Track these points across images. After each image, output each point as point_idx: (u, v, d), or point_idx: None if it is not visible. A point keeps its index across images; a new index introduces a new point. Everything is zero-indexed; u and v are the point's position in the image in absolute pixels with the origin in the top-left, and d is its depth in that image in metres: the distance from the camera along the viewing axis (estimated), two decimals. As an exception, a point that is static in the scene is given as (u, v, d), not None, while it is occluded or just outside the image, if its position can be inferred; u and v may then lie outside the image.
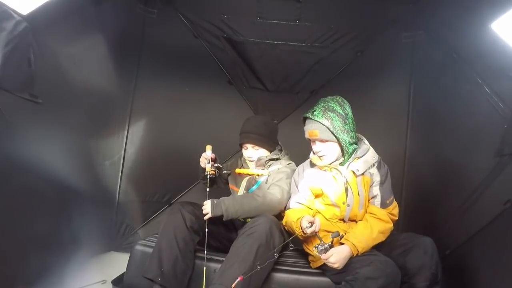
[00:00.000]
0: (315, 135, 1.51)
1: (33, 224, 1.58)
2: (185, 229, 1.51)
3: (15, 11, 1.40)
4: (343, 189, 1.53)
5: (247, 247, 1.35)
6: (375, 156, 1.57)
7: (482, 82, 1.71)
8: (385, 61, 2.45)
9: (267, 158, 1.79)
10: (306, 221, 1.38)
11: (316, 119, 1.49)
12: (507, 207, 1.41)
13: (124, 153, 2.45)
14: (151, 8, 2.44)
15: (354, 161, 1.55)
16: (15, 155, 1.46)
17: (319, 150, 1.55)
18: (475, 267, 1.54)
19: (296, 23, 2.37)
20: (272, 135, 1.85)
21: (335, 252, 1.34)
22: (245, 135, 1.79)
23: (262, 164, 1.80)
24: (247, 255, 1.32)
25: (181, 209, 1.55)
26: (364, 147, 1.57)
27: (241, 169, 1.86)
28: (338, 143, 1.52)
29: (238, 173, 1.85)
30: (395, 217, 1.55)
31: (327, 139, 1.51)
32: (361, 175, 1.53)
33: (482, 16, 1.61)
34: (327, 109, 1.51)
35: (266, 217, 1.48)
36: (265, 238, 1.38)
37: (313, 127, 1.51)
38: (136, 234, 2.50)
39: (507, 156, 1.50)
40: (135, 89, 2.46)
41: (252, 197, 1.61)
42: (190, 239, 1.52)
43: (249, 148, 1.79)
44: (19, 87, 1.47)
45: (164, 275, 1.40)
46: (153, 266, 1.43)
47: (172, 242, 1.47)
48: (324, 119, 1.48)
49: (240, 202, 1.57)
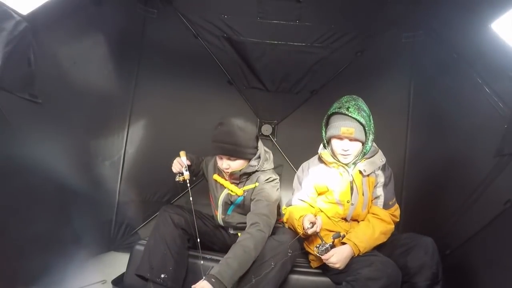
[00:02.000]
0: (350, 133, 1.47)
1: (33, 224, 1.58)
2: (173, 227, 1.53)
3: (15, 11, 1.40)
4: (348, 187, 1.53)
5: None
6: (383, 159, 1.57)
7: (482, 82, 1.71)
8: (385, 61, 2.45)
9: (241, 172, 1.60)
10: (308, 221, 1.38)
11: (353, 116, 1.46)
12: (507, 207, 1.41)
13: (124, 153, 2.44)
14: (151, 8, 2.44)
15: (361, 161, 1.55)
16: (15, 155, 1.46)
17: (348, 149, 1.51)
18: (475, 267, 1.54)
19: (296, 23, 2.37)
20: (251, 142, 1.60)
21: (336, 253, 1.34)
22: (217, 145, 1.56)
23: (236, 178, 1.63)
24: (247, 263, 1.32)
25: (167, 210, 1.60)
26: (373, 149, 1.57)
27: (218, 177, 1.71)
28: (362, 143, 1.51)
29: (215, 180, 1.73)
30: (397, 218, 1.56)
31: (358, 138, 1.49)
32: (367, 176, 1.53)
33: (482, 16, 1.60)
34: (359, 107, 1.49)
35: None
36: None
37: (350, 125, 1.47)
38: (136, 234, 2.49)
39: (507, 156, 1.50)
40: (135, 89, 2.46)
41: (243, 252, 1.34)
42: (178, 235, 1.53)
43: (224, 159, 1.58)
44: (19, 87, 1.47)
45: (154, 271, 1.42)
46: (143, 263, 1.46)
47: (160, 240, 1.50)
48: (361, 117, 1.47)
49: (236, 266, 1.31)
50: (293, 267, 1.54)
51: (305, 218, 1.41)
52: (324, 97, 2.53)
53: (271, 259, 1.37)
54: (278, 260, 1.38)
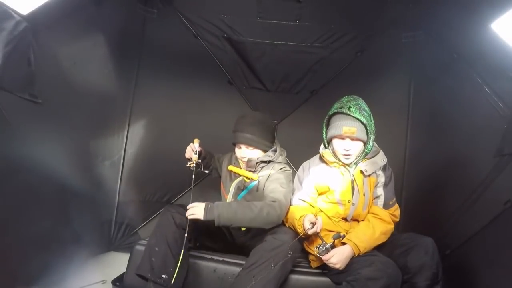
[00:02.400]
0: (352, 133, 1.47)
1: (33, 224, 1.58)
2: (174, 227, 1.51)
3: (15, 11, 1.40)
4: (349, 187, 1.53)
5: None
6: (384, 159, 1.57)
7: (482, 82, 1.71)
8: (385, 61, 2.45)
9: (258, 160, 1.70)
10: (308, 221, 1.38)
11: (355, 115, 1.46)
12: (507, 207, 1.41)
13: (124, 153, 2.44)
14: (151, 8, 2.44)
15: (363, 161, 1.55)
16: (15, 155, 1.46)
17: (350, 149, 1.51)
18: (475, 267, 1.54)
19: (296, 23, 2.37)
20: (269, 135, 1.74)
21: (337, 253, 1.34)
22: (238, 134, 1.70)
23: (253, 166, 1.71)
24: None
25: (170, 209, 1.57)
26: (374, 149, 1.57)
27: (233, 167, 1.80)
28: (364, 143, 1.51)
29: (230, 171, 1.81)
30: (397, 218, 1.56)
31: (360, 137, 1.49)
32: (368, 176, 1.53)
33: (482, 16, 1.60)
34: (360, 107, 1.49)
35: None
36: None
37: (352, 124, 1.47)
38: (136, 234, 2.50)
39: (507, 156, 1.50)
40: (135, 89, 2.46)
41: (248, 207, 1.48)
42: (179, 236, 1.51)
43: (242, 148, 1.72)
44: (19, 87, 1.47)
45: (155, 271, 1.41)
46: (144, 263, 1.44)
47: (161, 239, 1.48)
48: (362, 117, 1.47)
49: (235, 210, 1.47)
50: (293, 267, 1.54)
51: (305, 218, 1.41)
52: (324, 97, 2.52)
53: (271, 259, 1.36)
54: (279, 260, 1.38)
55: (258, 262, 1.36)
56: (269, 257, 1.37)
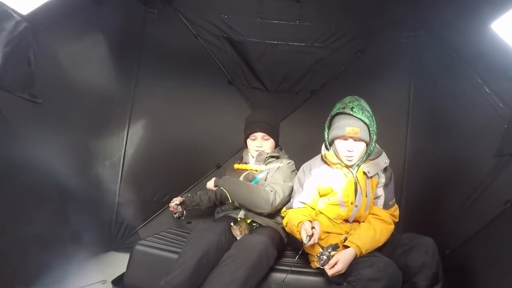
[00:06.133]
0: (355, 133, 1.46)
1: (32, 224, 1.57)
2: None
3: (15, 11, 1.40)
4: (352, 188, 1.52)
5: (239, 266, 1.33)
6: (387, 161, 1.56)
7: (482, 82, 1.71)
8: (385, 61, 2.45)
9: (268, 154, 1.79)
10: (305, 233, 1.36)
11: (358, 116, 1.45)
12: (507, 207, 1.40)
13: (124, 153, 2.44)
14: (151, 8, 2.44)
15: (365, 163, 1.54)
16: (14, 155, 1.46)
17: (352, 149, 1.50)
18: (475, 267, 1.53)
19: (296, 23, 2.37)
20: (278, 130, 1.94)
21: (340, 259, 1.31)
22: (257, 124, 1.84)
23: (262, 160, 1.79)
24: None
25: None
26: (376, 150, 1.57)
27: (239, 165, 1.86)
28: (366, 144, 1.51)
29: (236, 169, 1.85)
30: (396, 219, 1.56)
31: (363, 138, 1.48)
32: (371, 177, 1.53)
33: (482, 16, 1.60)
34: (362, 108, 1.48)
35: (262, 237, 1.46)
36: (259, 262, 1.39)
37: (356, 124, 1.46)
38: (136, 234, 2.49)
39: (507, 156, 1.50)
40: (135, 89, 2.45)
41: (245, 186, 1.68)
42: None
43: (258, 138, 1.82)
44: (19, 87, 1.47)
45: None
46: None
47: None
48: (365, 117, 1.46)
49: (235, 185, 1.68)
50: (293, 267, 1.54)
51: (302, 230, 1.39)
52: (324, 97, 2.53)
53: (240, 259, 1.37)
54: (246, 261, 1.37)
55: (226, 261, 1.37)
56: (239, 256, 1.37)
